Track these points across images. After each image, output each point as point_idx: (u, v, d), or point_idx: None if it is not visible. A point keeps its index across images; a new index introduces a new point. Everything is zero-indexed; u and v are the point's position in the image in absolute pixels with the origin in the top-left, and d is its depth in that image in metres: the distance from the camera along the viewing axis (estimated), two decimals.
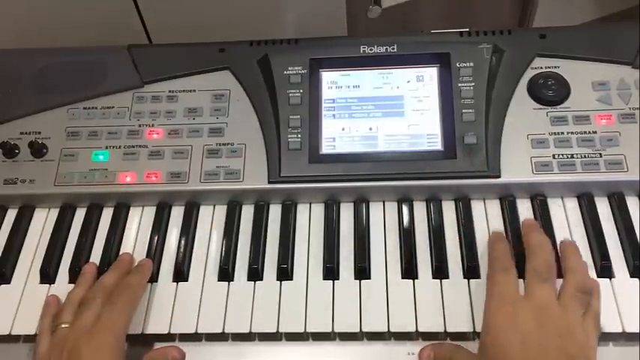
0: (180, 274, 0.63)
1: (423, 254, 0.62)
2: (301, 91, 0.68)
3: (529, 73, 0.68)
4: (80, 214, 0.68)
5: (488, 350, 0.52)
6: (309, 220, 0.66)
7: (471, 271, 0.60)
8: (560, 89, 0.67)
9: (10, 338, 0.61)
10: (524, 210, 0.64)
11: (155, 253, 0.64)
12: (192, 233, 0.66)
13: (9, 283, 0.64)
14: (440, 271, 0.61)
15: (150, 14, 0.91)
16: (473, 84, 0.66)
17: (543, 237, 0.59)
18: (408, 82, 0.69)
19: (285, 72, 0.69)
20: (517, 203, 0.65)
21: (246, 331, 0.58)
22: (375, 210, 0.66)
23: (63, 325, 0.57)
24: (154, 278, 0.63)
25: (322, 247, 0.63)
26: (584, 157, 0.63)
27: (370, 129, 0.67)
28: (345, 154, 0.66)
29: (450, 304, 0.58)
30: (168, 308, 0.60)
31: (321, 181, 0.65)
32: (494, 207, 0.65)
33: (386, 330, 0.58)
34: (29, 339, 0.60)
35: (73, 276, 0.63)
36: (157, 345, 0.60)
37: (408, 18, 1.10)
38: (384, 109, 0.68)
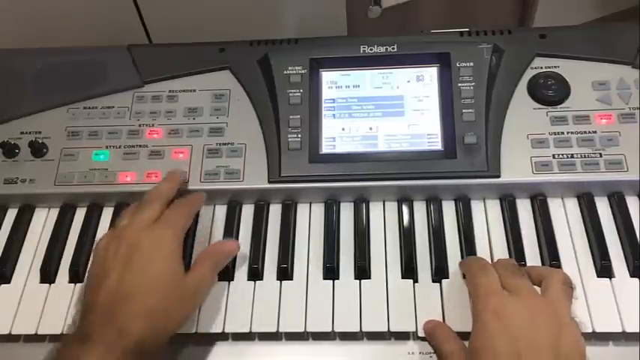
0: None
1: (423, 254, 0.62)
2: (301, 90, 0.68)
3: (529, 73, 0.68)
4: (80, 214, 0.68)
5: (479, 353, 0.51)
6: (309, 219, 0.66)
7: None
8: (560, 89, 0.67)
9: (10, 338, 0.61)
10: (524, 210, 0.64)
11: None
12: (192, 233, 0.65)
13: (9, 283, 0.64)
14: (440, 271, 0.61)
15: (150, 14, 0.91)
16: (473, 84, 0.66)
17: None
18: (408, 81, 0.69)
19: (285, 72, 0.69)
20: (517, 203, 0.65)
21: (247, 330, 0.58)
22: (375, 210, 0.66)
23: (123, 223, 0.58)
24: None
25: (322, 246, 0.63)
26: (584, 157, 0.63)
27: (370, 129, 0.67)
28: (345, 154, 0.66)
29: (449, 303, 0.58)
30: None
31: (321, 181, 0.65)
32: (494, 207, 0.65)
33: (386, 330, 0.58)
34: (29, 339, 0.60)
35: (73, 276, 0.63)
36: None
37: (408, 18, 1.10)
38: (384, 108, 0.68)
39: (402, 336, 0.58)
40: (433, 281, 0.60)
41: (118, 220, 0.60)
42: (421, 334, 0.57)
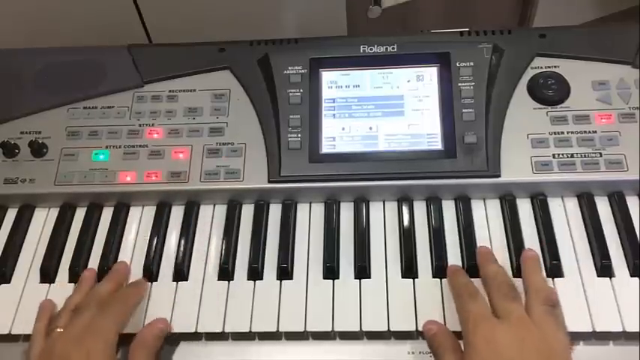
0: (180, 273, 0.63)
1: (423, 254, 0.62)
2: (301, 90, 0.68)
3: (529, 73, 0.68)
4: (80, 214, 0.68)
5: None
6: (309, 219, 0.66)
7: (470, 270, 0.60)
8: (560, 89, 0.67)
9: (10, 338, 0.61)
10: (524, 209, 0.64)
11: (155, 252, 0.64)
12: (192, 233, 0.66)
13: (9, 282, 0.64)
14: (440, 271, 0.61)
15: (150, 14, 0.91)
16: (473, 83, 0.66)
17: (498, 266, 0.59)
18: (408, 81, 0.69)
19: (285, 72, 0.69)
20: (517, 203, 0.65)
21: (246, 330, 0.58)
22: (375, 209, 0.66)
23: (57, 330, 0.57)
24: (153, 278, 0.63)
25: (322, 246, 0.63)
26: (584, 156, 0.63)
27: (370, 128, 0.67)
28: (345, 154, 0.66)
29: (449, 303, 0.58)
30: (168, 308, 0.60)
31: (321, 181, 0.65)
32: (494, 206, 0.65)
33: (386, 329, 0.58)
34: (29, 338, 0.60)
35: (73, 276, 0.63)
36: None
37: (408, 18, 1.11)
38: (384, 108, 0.68)
39: (402, 335, 0.58)
40: (433, 280, 0.60)
41: (55, 319, 0.58)
42: (421, 329, 0.57)
